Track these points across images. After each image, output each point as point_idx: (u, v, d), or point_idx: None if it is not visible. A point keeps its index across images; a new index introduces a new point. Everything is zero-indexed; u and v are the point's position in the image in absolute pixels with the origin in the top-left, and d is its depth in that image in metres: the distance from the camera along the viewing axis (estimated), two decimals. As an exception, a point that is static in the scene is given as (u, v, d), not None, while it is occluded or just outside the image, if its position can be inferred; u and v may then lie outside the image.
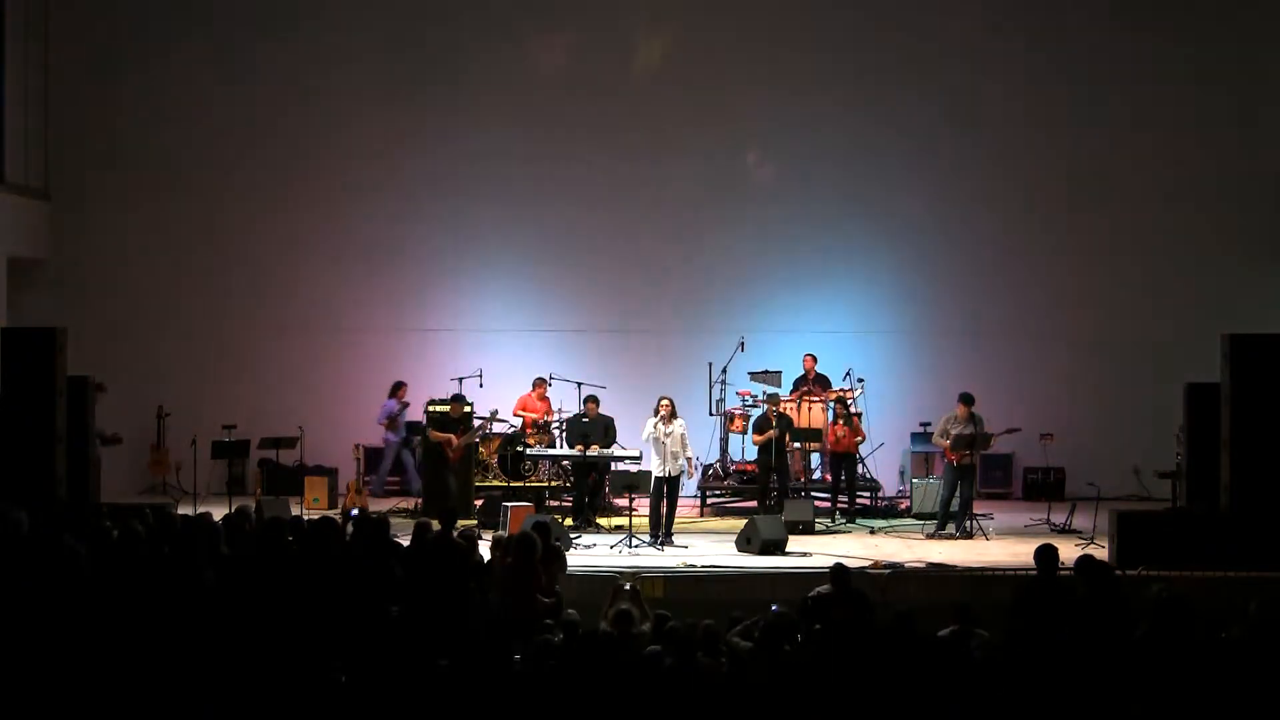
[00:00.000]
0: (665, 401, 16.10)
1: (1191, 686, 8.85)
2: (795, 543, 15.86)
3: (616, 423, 17.43)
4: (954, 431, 16.55)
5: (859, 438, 17.82)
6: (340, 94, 20.37)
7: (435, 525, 12.33)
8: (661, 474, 16.10)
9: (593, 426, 17.10)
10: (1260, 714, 8.73)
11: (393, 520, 14.05)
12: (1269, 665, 9.01)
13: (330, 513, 17.41)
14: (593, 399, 17.49)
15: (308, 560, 11.15)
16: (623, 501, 16.43)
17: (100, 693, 8.82)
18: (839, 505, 17.90)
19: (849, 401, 18.10)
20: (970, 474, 16.68)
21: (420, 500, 17.97)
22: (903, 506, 18.55)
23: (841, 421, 17.65)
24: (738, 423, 18.80)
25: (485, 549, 12.64)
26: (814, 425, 18.27)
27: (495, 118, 20.35)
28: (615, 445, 17.27)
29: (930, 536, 16.56)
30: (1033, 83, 20.23)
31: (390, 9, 20.45)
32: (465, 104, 20.36)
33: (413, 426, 19.02)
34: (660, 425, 16.01)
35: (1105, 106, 20.24)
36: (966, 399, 16.65)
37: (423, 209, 20.42)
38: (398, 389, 19.15)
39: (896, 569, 14.51)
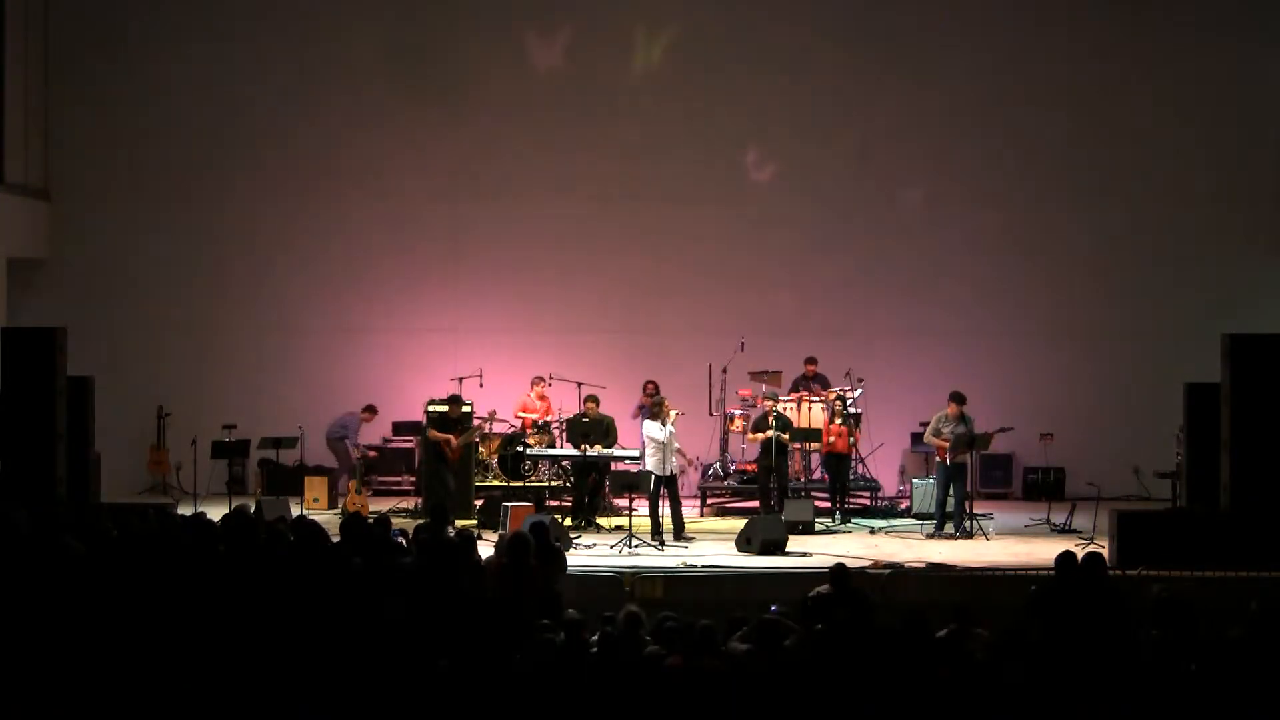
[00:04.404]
0: (668, 404, 16.22)
1: (1193, 686, 8.85)
2: (795, 543, 15.86)
3: (617, 423, 17.47)
4: (947, 430, 16.56)
5: (852, 438, 17.83)
6: (339, 94, 20.38)
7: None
8: (662, 473, 16.14)
9: (593, 426, 17.12)
10: (1261, 714, 8.72)
11: (393, 520, 14.05)
12: (1270, 665, 9.01)
13: (330, 513, 17.44)
14: (592, 399, 17.50)
15: (302, 561, 11.15)
16: (623, 501, 16.43)
17: (100, 692, 8.83)
18: (836, 505, 17.89)
19: (848, 400, 18.10)
20: (962, 473, 16.68)
21: (420, 500, 17.97)
22: (903, 506, 18.54)
23: (839, 421, 17.65)
24: (738, 423, 18.80)
25: (485, 549, 12.64)
26: (814, 425, 18.27)
27: (494, 117, 20.36)
28: (616, 445, 17.32)
29: (930, 536, 16.56)
30: (1033, 82, 20.22)
31: (389, 10, 20.45)
32: (465, 104, 20.35)
33: (414, 426, 19.02)
34: (662, 424, 16.09)
35: (1106, 106, 20.24)
36: (958, 398, 16.66)
37: (423, 208, 20.42)
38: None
39: (896, 569, 14.50)
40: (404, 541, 12.19)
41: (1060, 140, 20.28)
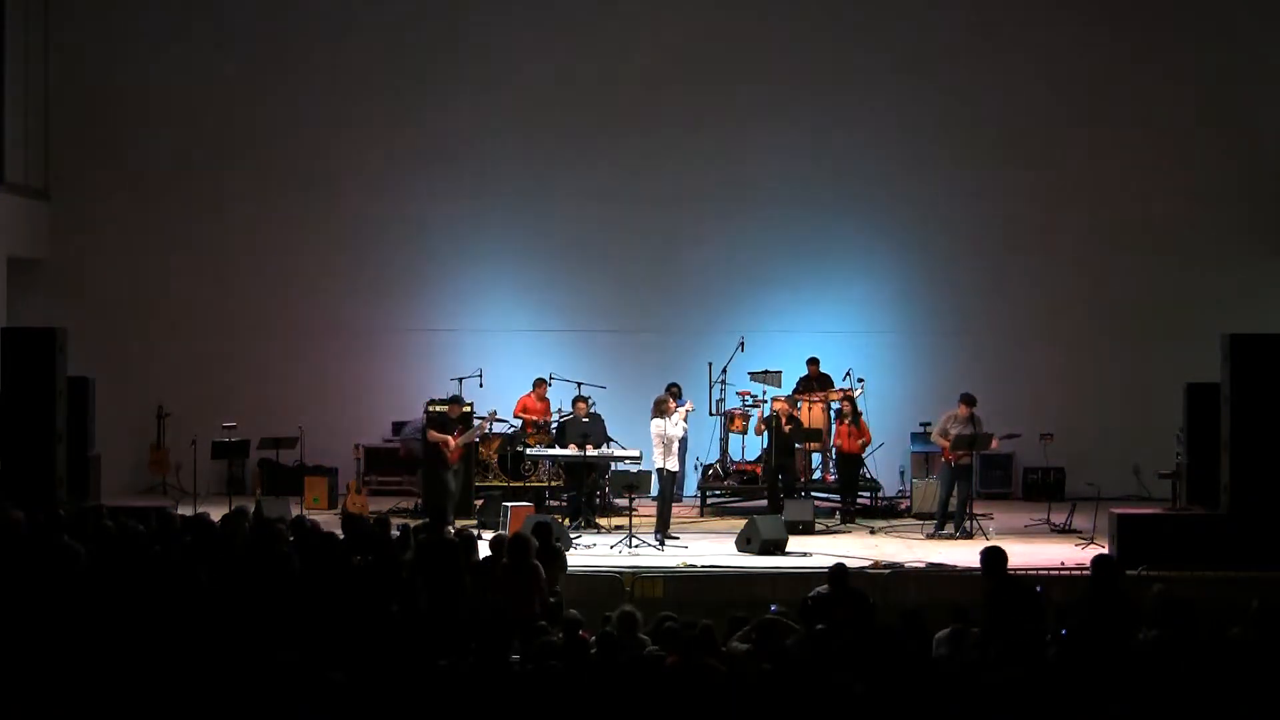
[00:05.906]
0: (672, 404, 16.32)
1: (1194, 686, 8.85)
2: (795, 543, 15.85)
3: (617, 423, 17.49)
4: (954, 431, 16.55)
5: (865, 439, 17.84)
6: (340, 94, 20.36)
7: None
8: (674, 469, 16.24)
9: (593, 426, 17.14)
10: (1262, 713, 8.72)
11: (393, 520, 14.05)
12: (1270, 665, 9.01)
13: (330, 513, 17.43)
14: (584, 399, 17.52)
15: (304, 561, 11.15)
16: (623, 501, 16.45)
17: (98, 692, 8.83)
18: (841, 505, 17.88)
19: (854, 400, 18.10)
20: (967, 474, 16.69)
21: (420, 500, 17.97)
22: (903, 506, 18.54)
23: (848, 422, 17.65)
24: (738, 423, 18.81)
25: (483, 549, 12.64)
26: (814, 425, 18.26)
27: (495, 117, 20.34)
28: (614, 445, 17.32)
29: (930, 536, 16.55)
30: (1032, 82, 20.21)
31: (390, 9, 20.45)
32: (465, 104, 20.34)
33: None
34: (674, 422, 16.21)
35: (1105, 105, 20.24)
36: (968, 399, 16.65)
37: (423, 209, 20.41)
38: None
39: (896, 569, 14.51)
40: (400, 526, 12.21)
41: (1060, 140, 20.25)
